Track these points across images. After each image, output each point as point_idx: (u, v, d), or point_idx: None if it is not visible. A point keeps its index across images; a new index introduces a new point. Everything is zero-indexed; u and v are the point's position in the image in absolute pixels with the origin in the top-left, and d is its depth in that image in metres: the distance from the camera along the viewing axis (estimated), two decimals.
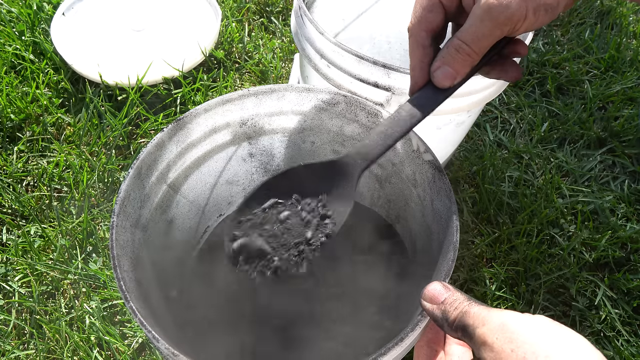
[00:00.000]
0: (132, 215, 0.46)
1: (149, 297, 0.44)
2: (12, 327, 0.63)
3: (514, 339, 0.27)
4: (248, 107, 0.53)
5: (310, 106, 0.54)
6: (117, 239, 0.42)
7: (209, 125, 0.52)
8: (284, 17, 1.01)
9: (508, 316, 0.29)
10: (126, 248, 0.44)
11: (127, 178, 0.46)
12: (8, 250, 0.69)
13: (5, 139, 0.81)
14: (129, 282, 0.41)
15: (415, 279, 0.52)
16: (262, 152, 0.58)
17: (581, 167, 0.80)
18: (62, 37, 0.88)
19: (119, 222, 0.44)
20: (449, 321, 0.32)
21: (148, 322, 0.37)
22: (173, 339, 0.42)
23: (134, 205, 0.46)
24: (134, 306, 0.38)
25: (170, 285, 0.52)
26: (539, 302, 0.66)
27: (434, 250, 0.47)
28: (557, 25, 1.02)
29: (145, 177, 0.48)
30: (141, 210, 0.48)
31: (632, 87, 0.89)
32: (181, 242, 0.56)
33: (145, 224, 0.48)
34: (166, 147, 0.50)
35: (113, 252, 0.41)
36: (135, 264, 0.44)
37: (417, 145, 0.49)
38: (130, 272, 0.42)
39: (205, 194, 0.57)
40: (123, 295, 0.38)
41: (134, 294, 0.40)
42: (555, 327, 0.28)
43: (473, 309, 0.30)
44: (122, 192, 0.45)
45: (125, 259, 0.42)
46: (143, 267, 0.46)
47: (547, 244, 0.72)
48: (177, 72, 0.85)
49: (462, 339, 0.31)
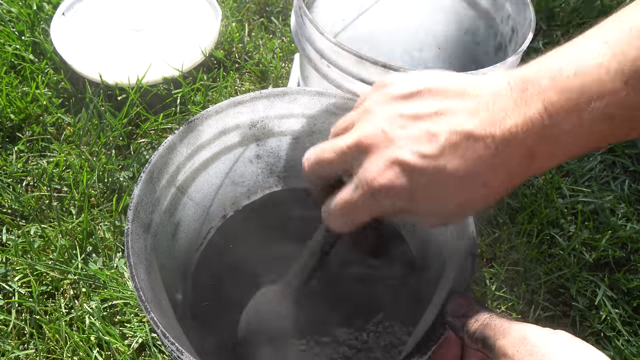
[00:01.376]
0: (144, 221, 0.45)
1: (160, 302, 0.43)
2: (12, 327, 0.63)
3: (534, 352, 0.27)
4: (259, 110, 0.53)
5: (321, 110, 0.53)
6: (133, 246, 0.41)
7: (219, 127, 0.52)
8: (284, 17, 1.01)
9: (529, 330, 0.29)
10: (140, 256, 0.42)
11: (140, 182, 0.45)
12: (8, 250, 0.69)
13: (5, 139, 0.81)
14: (147, 292, 0.39)
15: (429, 289, 0.51)
16: (270, 154, 0.58)
17: (581, 167, 0.80)
18: (62, 37, 0.88)
19: (134, 228, 0.42)
20: (470, 332, 0.32)
21: (170, 334, 0.36)
22: (185, 346, 0.41)
23: (145, 210, 0.45)
24: (155, 317, 0.36)
25: (176, 289, 0.52)
26: (539, 302, 0.66)
27: (446, 259, 0.47)
28: (557, 25, 1.02)
29: (157, 180, 0.47)
30: (152, 215, 0.47)
31: None
32: (186, 244, 0.55)
33: (156, 229, 0.48)
34: (177, 149, 0.49)
35: (130, 261, 0.39)
36: (149, 271, 0.43)
37: None
38: (146, 281, 0.41)
39: (210, 195, 0.57)
40: (144, 306, 0.37)
41: (152, 304, 0.39)
42: (576, 344, 0.28)
43: (494, 321, 0.30)
44: (135, 198, 0.44)
45: (141, 267, 0.41)
46: (154, 272, 0.45)
47: (547, 244, 0.72)
48: (177, 72, 0.85)
49: (483, 350, 0.31)
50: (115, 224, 0.71)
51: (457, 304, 0.34)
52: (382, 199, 0.31)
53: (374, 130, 0.31)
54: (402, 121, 0.30)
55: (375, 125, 0.31)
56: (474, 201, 0.31)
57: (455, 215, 0.32)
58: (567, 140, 0.27)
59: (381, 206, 0.31)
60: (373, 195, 0.31)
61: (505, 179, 0.29)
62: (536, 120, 0.27)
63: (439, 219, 0.33)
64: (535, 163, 0.29)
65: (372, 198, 0.31)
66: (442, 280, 0.45)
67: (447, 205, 0.31)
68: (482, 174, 0.29)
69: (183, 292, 0.54)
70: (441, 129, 0.29)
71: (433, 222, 0.34)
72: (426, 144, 0.29)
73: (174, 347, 0.35)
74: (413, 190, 0.30)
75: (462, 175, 0.29)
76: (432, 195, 0.30)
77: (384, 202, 0.31)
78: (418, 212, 0.32)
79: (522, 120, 0.27)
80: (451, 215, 0.32)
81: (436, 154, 0.29)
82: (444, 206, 0.31)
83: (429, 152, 0.29)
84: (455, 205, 0.31)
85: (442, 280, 0.45)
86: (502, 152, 0.28)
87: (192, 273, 0.57)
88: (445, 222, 0.34)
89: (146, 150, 0.80)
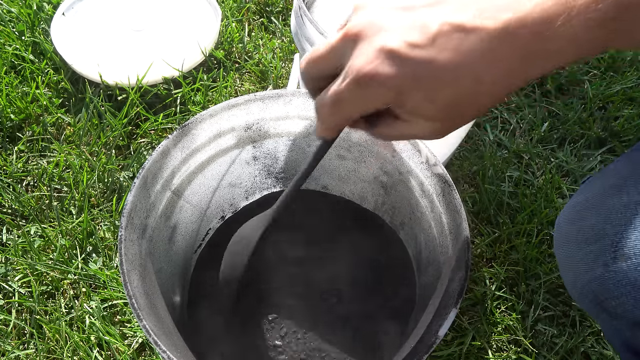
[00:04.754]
0: (138, 227, 0.45)
1: (156, 307, 0.43)
2: (12, 327, 0.63)
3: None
4: (254, 112, 0.53)
5: None
6: (126, 253, 0.41)
7: (214, 131, 0.52)
8: (284, 17, 1.01)
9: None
10: (134, 262, 0.42)
11: (133, 188, 0.44)
12: (8, 250, 0.69)
13: (5, 139, 0.81)
14: (140, 298, 0.39)
15: (424, 292, 0.51)
16: (266, 155, 0.58)
17: (581, 167, 0.80)
18: (62, 37, 0.88)
19: (127, 235, 0.42)
20: None
21: (162, 342, 0.36)
22: (181, 350, 0.41)
23: (140, 215, 0.45)
24: (148, 325, 0.36)
25: (173, 291, 0.52)
26: (539, 302, 0.66)
27: (441, 264, 0.47)
28: None
29: (151, 185, 0.47)
30: (147, 220, 0.47)
31: (632, 87, 0.89)
32: (183, 246, 0.55)
33: (151, 234, 0.47)
34: (171, 154, 0.49)
35: (123, 268, 0.39)
36: (143, 276, 0.43)
37: (427, 157, 0.48)
38: (139, 287, 0.41)
39: (207, 197, 0.57)
40: (136, 314, 0.37)
41: (145, 311, 0.39)
42: None
43: None
44: (128, 204, 0.43)
45: (134, 274, 0.41)
46: (149, 277, 0.45)
47: (547, 243, 0.72)
48: (177, 72, 0.85)
49: None
50: (115, 224, 0.71)
51: None
52: (369, 89, 0.30)
53: (364, 21, 0.31)
54: (393, 12, 0.30)
55: (365, 16, 0.31)
56: (465, 100, 0.30)
57: (445, 118, 0.31)
58: (561, 41, 0.27)
59: (369, 98, 0.31)
60: (360, 85, 0.30)
61: (499, 76, 0.29)
62: (529, 17, 0.27)
63: (429, 128, 0.32)
64: (530, 63, 0.28)
65: (359, 88, 0.30)
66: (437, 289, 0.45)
67: (437, 104, 0.30)
68: (474, 68, 0.28)
69: (181, 294, 0.54)
70: (432, 20, 0.28)
71: (423, 130, 0.32)
72: (416, 33, 0.28)
73: (165, 356, 0.35)
74: (401, 80, 0.29)
75: (452, 68, 0.28)
76: (420, 89, 0.29)
77: (371, 93, 0.30)
78: (406, 109, 0.31)
79: (515, 16, 0.27)
80: (441, 119, 0.31)
81: (426, 44, 0.28)
82: (433, 105, 0.30)
83: (419, 42, 0.28)
84: (444, 104, 0.30)
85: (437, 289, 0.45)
86: (495, 47, 0.28)
87: (190, 275, 0.57)
88: (437, 133, 0.33)
89: (146, 150, 0.80)
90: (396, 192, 0.56)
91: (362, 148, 0.56)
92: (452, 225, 0.45)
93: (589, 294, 0.35)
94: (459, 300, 0.38)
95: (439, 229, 0.48)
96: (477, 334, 0.63)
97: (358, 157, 0.57)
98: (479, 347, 0.63)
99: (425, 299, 0.49)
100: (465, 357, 0.62)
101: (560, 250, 0.38)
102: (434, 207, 0.49)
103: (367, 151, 0.55)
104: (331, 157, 0.59)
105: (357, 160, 0.57)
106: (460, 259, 0.41)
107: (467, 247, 0.41)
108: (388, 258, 0.59)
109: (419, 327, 0.43)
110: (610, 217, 0.33)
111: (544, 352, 0.63)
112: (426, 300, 0.47)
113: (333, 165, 0.60)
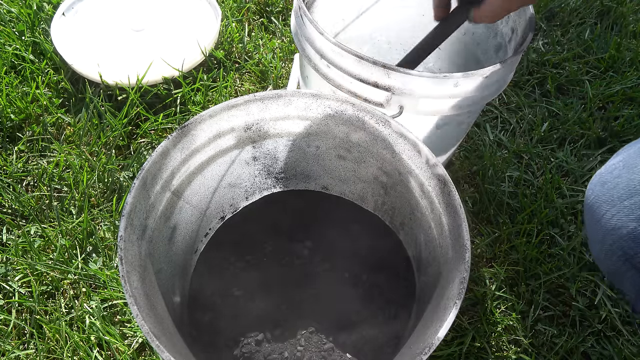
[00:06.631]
0: (138, 228, 0.45)
1: (156, 307, 0.43)
2: (12, 327, 0.63)
3: None
4: (253, 112, 0.53)
5: (316, 112, 0.53)
6: (126, 254, 0.41)
7: (214, 131, 0.52)
8: (284, 17, 1.01)
9: None
10: (134, 263, 0.42)
11: (133, 189, 0.44)
12: (8, 250, 0.69)
13: (5, 139, 0.81)
14: (140, 299, 0.39)
15: (424, 293, 0.51)
16: (266, 156, 0.58)
17: (581, 167, 0.80)
18: (62, 37, 0.88)
19: (127, 236, 0.42)
20: None
21: (162, 342, 0.36)
22: (181, 350, 0.41)
23: (139, 216, 0.45)
24: (149, 328, 0.36)
25: (173, 292, 0.52)
26: (539, 302, 0.66)
27: (441, 264, 0.47)
28: (557, 25, 1.02)
29: (151, 186, 0.47)
30: (147, 220, 0.47)
31: (632, 87, 0.89)
32: (183, 247, 0.55)
33: (151, 234, 0.47)
34: (170, 154, 0.49)
35: (123, 270, 0.39)
36: (143, 277, 0.43)
37: (427, 158, 0.48)
38: (139, 288, 0.41)
39: (207, 198, 0.57)
40: (135, 315, 0.37)
41: (145, 312, 0.39)
42: None
43: None
44: (128, 205, 0.43)
45: (134, 275, 0.41)
46: (149, 278, 0.45)
47: (547, 244, 0.72)
48: (177, 72, 0.85)
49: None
50: (115, 224, 0.71)
51: None
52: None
53: None
54: None
55: None
56: None
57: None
58: None
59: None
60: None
61: None
62: None
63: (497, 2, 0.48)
64: None
65: None
66: (437, 289, 0.45)
67: None
68: None
69: (181, 294, 0.53)
70: None
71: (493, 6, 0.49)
72: None
73: (165, 356, 0.35)
74: None
75: None
76: None
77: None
78: None
79: None
80: None
81: None
82: None
83: None
84: None
85: (437, 289, 0.45)
86: None
87: (190, 275, 0.57)
88: (504, 8, 0.49)
89: (146, 150, 0.80)
90: (396, 192, 0.56)
91: (362, 148, 0.56)
92: (452, 225, 0.45)
93: (618, 250, 0.37)
94: (459, 300, 0.38)
95: (438, 230, 0.48)
96: (477, 334, 0.63)
97: (358, 158, 0.57)
98: (479, 347, 0.63)
99: (425, 300, 0.49)
100: (465, 357, 0.62)
101: (591, 212, 0.40)
102: (434, 207, 0.49)
103: (367, 151, 0.55)
104: (331, 157, 0.59)
105: (357, 160, 0.57)
106: (460, 259, 0.41)
107: (467, 247, 0.41)
108: (388, 258, 0.59)
109: (419, 328, 0.43)
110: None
111: (544, 352, 0.63)
112: (426, 300, 0.47)
113: (333, 166, 0.60)
